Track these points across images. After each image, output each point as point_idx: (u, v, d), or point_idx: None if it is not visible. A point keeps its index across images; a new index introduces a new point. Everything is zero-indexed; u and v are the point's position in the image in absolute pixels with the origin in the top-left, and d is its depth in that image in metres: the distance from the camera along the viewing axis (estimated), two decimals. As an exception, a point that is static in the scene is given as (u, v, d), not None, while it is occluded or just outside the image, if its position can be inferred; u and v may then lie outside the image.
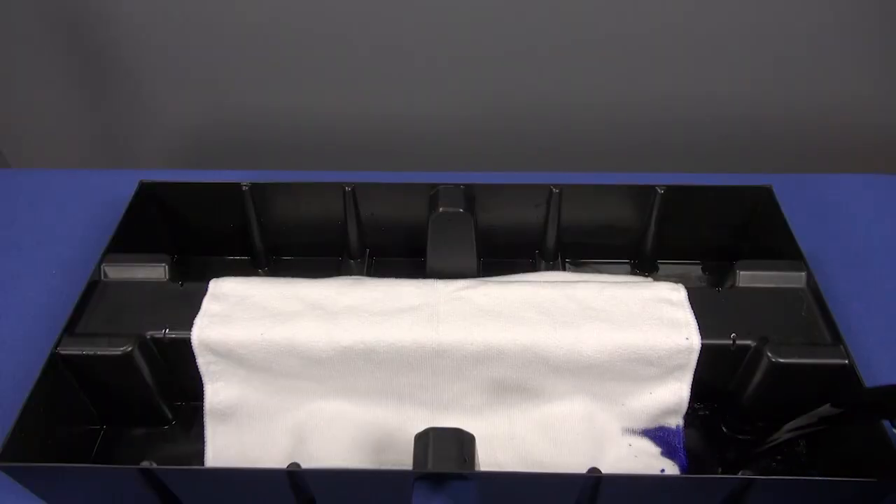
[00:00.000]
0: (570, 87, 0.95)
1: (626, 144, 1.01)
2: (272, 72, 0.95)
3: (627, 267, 0.76)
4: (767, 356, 0.57)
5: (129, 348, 0.57)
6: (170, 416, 0.63)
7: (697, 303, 0.60)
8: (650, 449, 0.61)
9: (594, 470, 0.50)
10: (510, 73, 0.94)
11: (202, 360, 0.60)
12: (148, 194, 0.73)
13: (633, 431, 0.61)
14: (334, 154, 1.04)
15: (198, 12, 0.89)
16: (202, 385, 0.61)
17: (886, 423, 0.51)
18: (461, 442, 0.53)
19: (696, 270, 0.76)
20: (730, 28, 0.88)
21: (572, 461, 0.59)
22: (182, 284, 0.63)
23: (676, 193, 0.71)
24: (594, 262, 0.77)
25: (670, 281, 0.63)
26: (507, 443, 0.61)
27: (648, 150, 1.02)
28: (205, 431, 0.62)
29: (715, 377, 0.61)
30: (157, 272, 0.64)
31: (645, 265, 0.75)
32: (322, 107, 0.99)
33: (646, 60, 0.92)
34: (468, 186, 0.70)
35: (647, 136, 1.00)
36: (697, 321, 0.59)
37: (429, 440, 0.53)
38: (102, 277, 0.64)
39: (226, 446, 0.62)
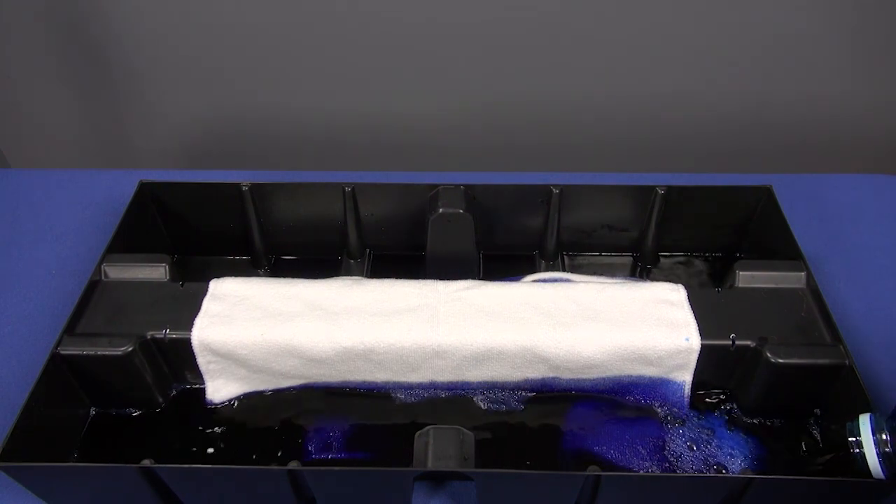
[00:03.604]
0: (570, 88, 0.95)
1: (626, 144, 1.01)
2: (272, 72, 0.95)
3: (629, 259, 0.76)
4: (767, 356, 0.57)
5: (130, 348, 0.57)
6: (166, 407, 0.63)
7: (697, 303, 0.60)
8: None
9: (594, 469, 0.50)
10: (510, 74, 0.94)
11: (202, 360, 0.60)
12: (148, 194, 0.73)
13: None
14: (334, 154, 1.04)
15: (198, 12, 0.89)
16: (202, 384, 0.61)
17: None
18: (461, 441, 0.53)
19: (695, 269, 0.76)
20: (730, 28, 0.88)
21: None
22: (182, 284, 0.63)
23: (677, 193, 0.71)
24: (595, 255, 0.76)
25: (670, 280, 0.63)
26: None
27: (648, 150, 1.02)
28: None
29: (715, 377, 0.61)
30: (157, 272, 0.64)
31: (645, 263, 0.76)
32: (322, 107, 0.99)
33: (646, 61, 0.92)
34: (468, 186, 0.70)
35: (647, 136, 1.00)
36: (697, 321, 0.59)
37: (429, 439, 0.53)
38: (102, 277, 0.64)
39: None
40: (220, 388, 0.61)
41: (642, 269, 0.76)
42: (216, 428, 0.61)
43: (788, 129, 0.99)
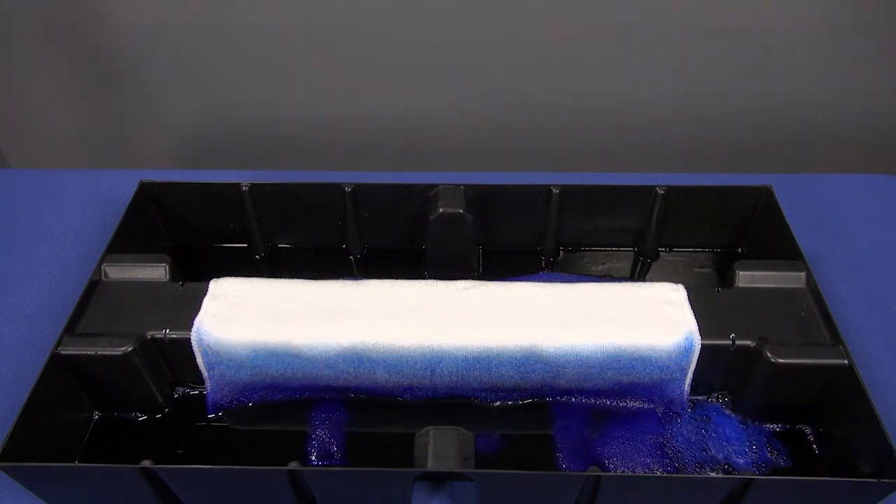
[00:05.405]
0: (570, 87, 0.95)
1: (626, 144, 1.01)
2: (272, 72, 0.95)
3: (629, 259, 0.76)
4: (767, 356, 0.57)
5: (130, 348, 0.57)
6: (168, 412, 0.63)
7: (697, 303, 0.60)
8: None
9: (594, 469, 0.50)
10: (510, 73, 0.94)
11: (202, 360, 0.60)
12: (148, 194, 0.73)
13: None
14: (334, 154, 1.04)
15: (198, 12, 0.89)
16: (204, 387, 0.61)
17: None
18: (461, 441, 0.53)
19: (695, 269, 0.76)
20: (730, 28, 0.88)
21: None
22: (182, 284, 0.63)
23: (676, 194, 0.71)
24: (595, 255, 0.76)
25: (669, 280, 0.63)
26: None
27: (648, 150, 1.02)
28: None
29: (715, 377, 0.61)
30: (157, 272, 0.64)
31: (645, 262, 0.75)
32: (322, 107, 0.99)
33: (646, 60, 0.92)
34: (468, 186, 0.70)
35: (647, 136, 1.00)
36: (697, 321, 0.59)
37: (429, 439, 0.53)
38: (102, 277, 0.64)
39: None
40: (220, 389, 0.61)
41: (642, 268, 0.76)
42: (217, 429, 0.61)
43: (788, 129, 0.99)
